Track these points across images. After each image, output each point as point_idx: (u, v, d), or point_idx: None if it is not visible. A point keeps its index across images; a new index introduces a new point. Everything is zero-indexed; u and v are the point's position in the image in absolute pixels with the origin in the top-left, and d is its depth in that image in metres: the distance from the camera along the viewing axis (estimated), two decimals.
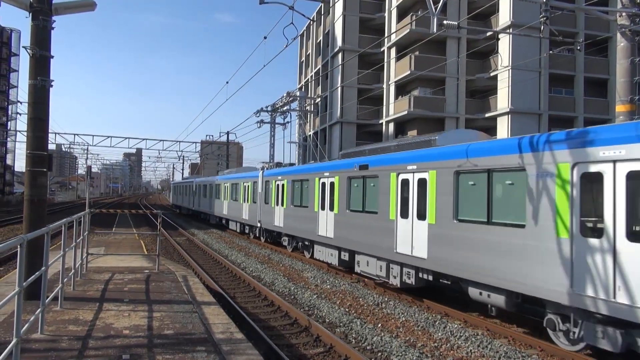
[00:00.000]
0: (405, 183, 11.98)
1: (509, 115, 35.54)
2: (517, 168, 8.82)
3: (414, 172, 11.63)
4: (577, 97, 38.09)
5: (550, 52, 31.01)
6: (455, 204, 10.25)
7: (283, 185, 20.29)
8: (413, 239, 11.49)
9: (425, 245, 10.95)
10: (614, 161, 7.24)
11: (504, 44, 35.91)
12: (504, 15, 36.18)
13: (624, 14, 10.71)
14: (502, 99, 36.56)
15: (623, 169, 7.12)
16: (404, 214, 11.94)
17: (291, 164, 25.54)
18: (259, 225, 23.37)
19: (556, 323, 8.18)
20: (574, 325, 7.87)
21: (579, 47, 14.17)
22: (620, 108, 10.76)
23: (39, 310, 6.37)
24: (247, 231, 26.73)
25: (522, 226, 8.56)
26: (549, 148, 8.25)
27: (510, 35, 34.41)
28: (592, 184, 7.56)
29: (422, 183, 11.34)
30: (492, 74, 37.93)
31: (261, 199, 22.92)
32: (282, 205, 20.18)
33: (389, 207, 12.49)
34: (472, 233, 9.68)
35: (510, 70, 35.11)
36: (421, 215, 11.26)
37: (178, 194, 55.10)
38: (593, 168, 7.52)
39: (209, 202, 35.66)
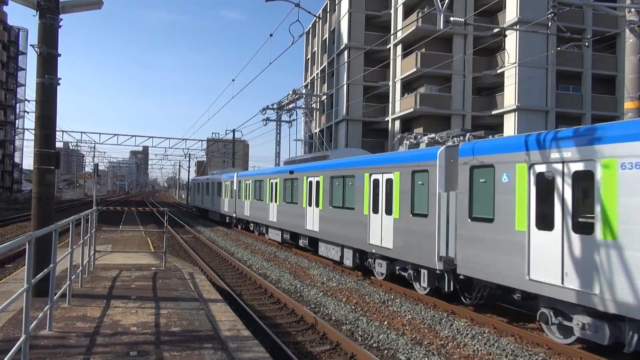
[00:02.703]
0: None
1: (516, 113, 35.35)
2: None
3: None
4: (584, 94, 37.82)
5: (558, 48, 30.82)
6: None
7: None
8: None
9: None
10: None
11: (511, 40, 35.69)
12: (511, 12, 35.96)
13: (632, 9, 10.61)
14: (509, 96, 36.36)
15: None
16: None
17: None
18: (437, 267, 10.97)
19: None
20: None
21: (586, 44, 14.08)
22: (629, 105, 10.67)
23: (47, 307, 6.40)
24: (376, 267, 13.87)
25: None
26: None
27: (517, 32, 34.20)
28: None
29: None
30: (498, 71, 37.74)
31: (458, 207, 10.58)
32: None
33: None
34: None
35: (517, 67, 34.90)
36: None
37: (203, 193, 40.94)
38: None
39: (266, 209, 23.34)
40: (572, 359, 8.06)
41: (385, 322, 9.97)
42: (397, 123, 41.89)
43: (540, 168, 8.53)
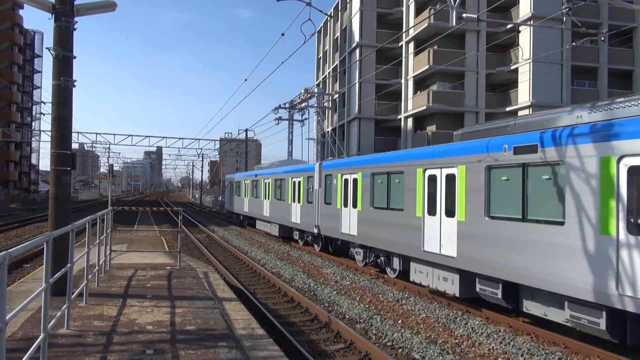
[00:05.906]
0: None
1: (530, 109, 34.98)
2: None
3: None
4: (600, 89, 37.29)
5: (573, 43, 30.39)
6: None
7: None
8: None
9: None
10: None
11: (525, 36, 35.33)
12: (525, 7, 35.58)
13: None
14: (523, 93, 36.01)
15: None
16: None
17: None
18: None
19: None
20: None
21: (602, 38, 13.83)
22: None
23: (65, 306, 6.50)
24: None
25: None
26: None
27: (531, 27, 33.82)
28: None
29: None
30: (512, 67, 37.36)
31: None
32: None
33: None
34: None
35: (531, 62, 34.52)
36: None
37: (249, 195, 29.96)
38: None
39: (412, 229, 12.45)
40: (589, 357, 7.96)
41: (400, 321, 9.94)
42: (410, 121, 41.71)
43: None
